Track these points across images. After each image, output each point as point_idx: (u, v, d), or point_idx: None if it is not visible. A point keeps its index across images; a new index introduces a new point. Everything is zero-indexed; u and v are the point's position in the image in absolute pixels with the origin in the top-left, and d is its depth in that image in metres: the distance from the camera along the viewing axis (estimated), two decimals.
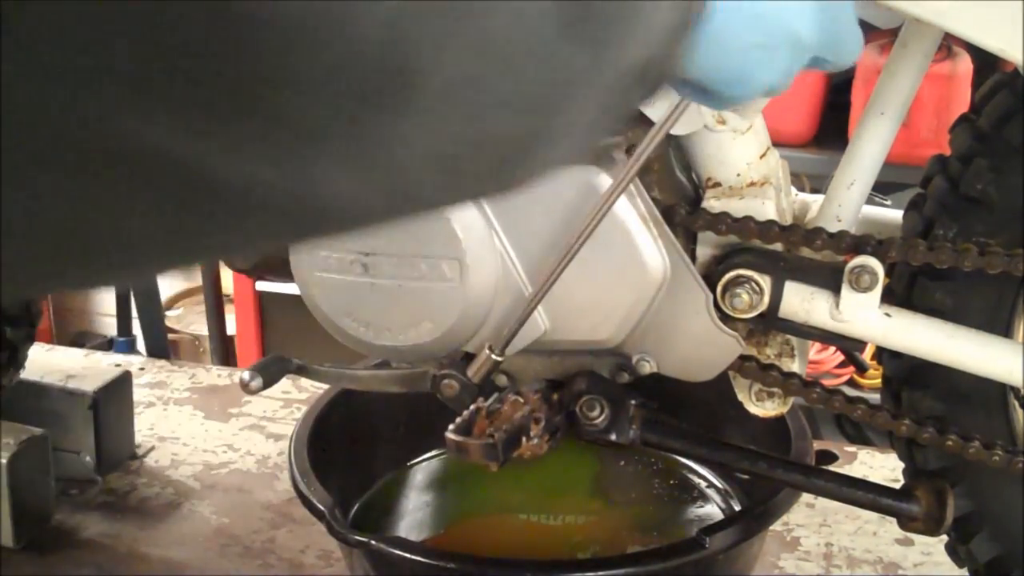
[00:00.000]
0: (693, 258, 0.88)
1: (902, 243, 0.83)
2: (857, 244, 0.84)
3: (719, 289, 0.86)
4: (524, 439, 0.87)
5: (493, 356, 0.85)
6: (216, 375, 1.68)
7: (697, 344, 0.88)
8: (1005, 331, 0.87)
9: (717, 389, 0.94)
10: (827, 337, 0.87)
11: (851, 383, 2.12)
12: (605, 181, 0.82)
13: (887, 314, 0.85)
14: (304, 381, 1.56)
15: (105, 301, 2.97)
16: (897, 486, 0.91)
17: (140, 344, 2.55)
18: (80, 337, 3.01)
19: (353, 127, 0.34)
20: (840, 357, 2.03)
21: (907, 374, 0.91)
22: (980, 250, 0.81)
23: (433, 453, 1.28)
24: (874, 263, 0.83)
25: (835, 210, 0.88)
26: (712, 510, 1.19)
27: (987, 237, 0.83)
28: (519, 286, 0.86)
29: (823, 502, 1.27)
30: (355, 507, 1.19)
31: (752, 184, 0.87)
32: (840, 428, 2.27)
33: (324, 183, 0.34)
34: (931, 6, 0.74)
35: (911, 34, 0.85)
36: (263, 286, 2.39)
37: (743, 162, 0.87)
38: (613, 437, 0.91)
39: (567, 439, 0.92)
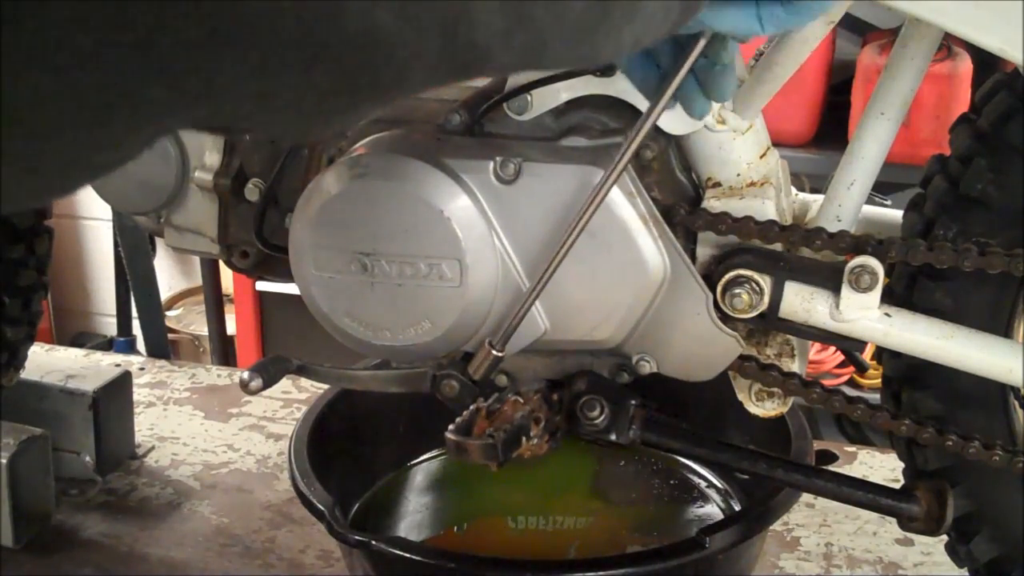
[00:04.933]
0: (693, 258, 0.88)
1: (902, 243, 0.83)
2: (857, 244, 0.84)
3: (719, 289, 0.86)
4: (524, 439, 0.88)
5: (493, 351, 0.85)
6: (216, 375, 1.68)
7: (697, 344, 0.88)
8: (1005, 331, 0.87)
9: (717, 389, 0.94)
10: (827, 337, 0.87)
11: (851, 383, 2.12)
12: None
13: (887, 314, 0.85)
14: (304, 381, 1.57)
15: (105, 301, 2.97)
16: (897, 486, 0.91)
17: (140, 344, 2.55)
18: (80, 337, 3.01)
19: None
20: (840, 357, 2.03)
21: (907, 374, 0.91)
22: (980, 250, 0.81)
23: (433, 453, 1.28)
24: (874, 263, 0.83)
25: (835, 210, 0.88)
26: (712, 510, 1.19)
27: (987, 237, 0.83)
28: (519, 286, 0.86)
29: (823, 502, 1.27)
30: (355, 507, 1.19)
31: (752, 184, 0.87)
32: (840, 428, 2.27)
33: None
34: (931, 6, 0.74)
35: (911, 34, 0.85)
36: (263, 286, 2.39)
37: (743, 162, 0.87)
38: (613, 437, 0.91)
39: (567, 439, 0.92)
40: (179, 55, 0.32)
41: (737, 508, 1.18)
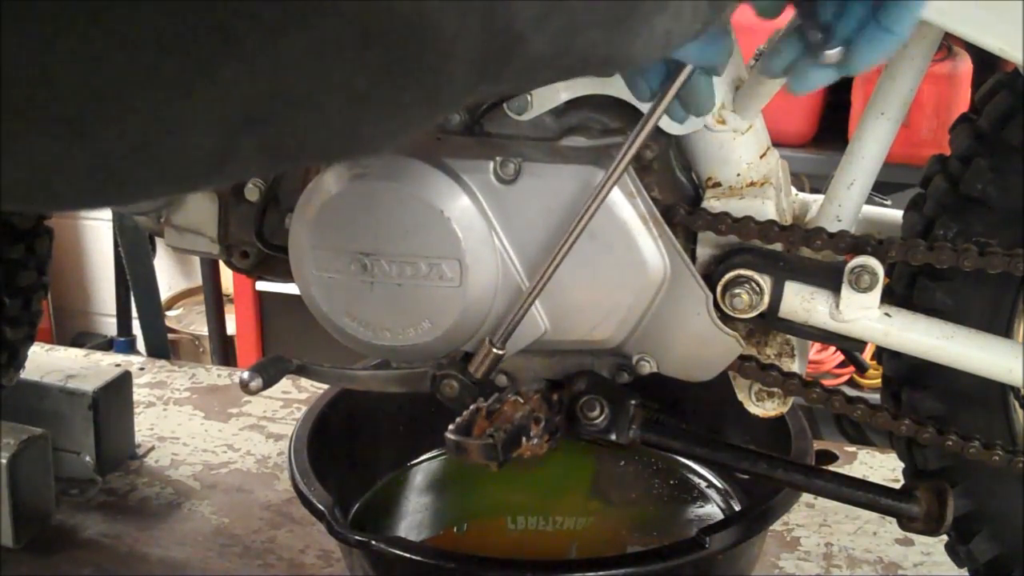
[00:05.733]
0: (693, 258, 0.88)
1: (902, 243, 0.83)
2: (857, 244, 0.84)
3: (719, 289, 0.86)
4: (524, 439, 0.87)
5: (494, 349, 0.85)
6: (216, 375, 1.68)
7: (697, 344, 0.88)
8: (1005, 331, 0.87)
9: (717, 389, 0.94)
10: (827, 337, 0.87)
11: (851, 383, 2.12)
12: None
13: (887, 314, 0.85)
14: (304, 381, 1.57)
15: (105, 301, 2.97)
16: (897, 486, 0.91)
17: (140, 344, 2.55)
18: (80, 337, 3.01)
19: None
20: (840, 357, 2.03)
21: (907, 374, 0.91)
22: (980, 250, 0.81)
23: (433, 453, 1.28)
24: (874, 263, 0.83)
25: (835, 210, 0.88)
26: (712, 510, 1.19)
27: (987, 237, 0.83)
28: (519, 286, 0.86)
29: (823, 502, 1.27)
30: (355, 507, 1.19)
31: (752, 184, 0.87)
32: (840, 428, 2.27)
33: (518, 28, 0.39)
34: (931, 6, 0.74)
35: (911, 34, 0.84)
36: (263, 286, 2.39)
37: (743, 162, 0.87)
38: (613, 437, 0.91)
39: (567, 439, 0.92)
40: (253, 37, 0.34)
41: (737, 508, 1.18)
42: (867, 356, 1.00)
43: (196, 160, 0.36)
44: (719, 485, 1.22)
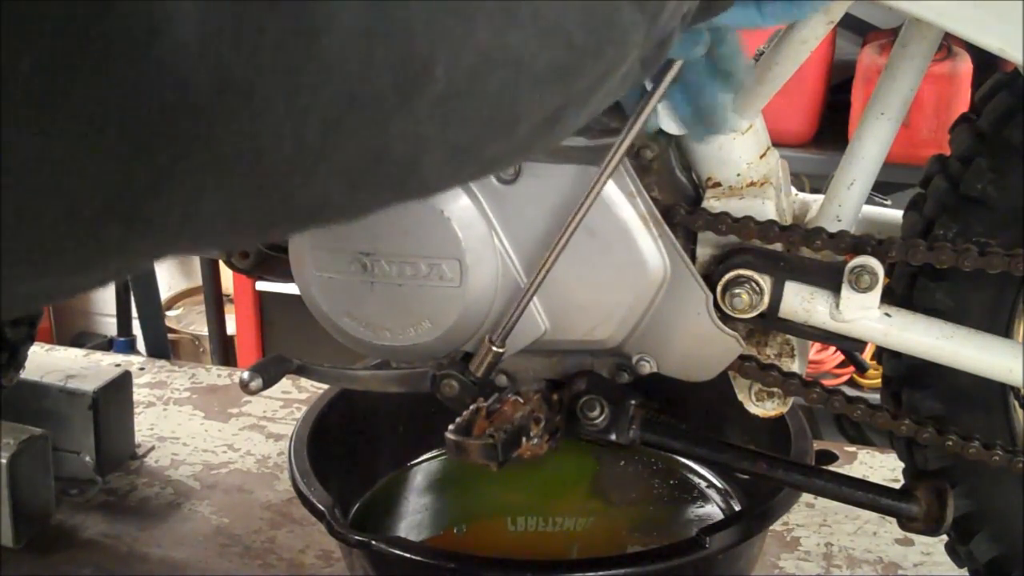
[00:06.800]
0: (693, 258, 0.88)
1: (902, 243, 0.83)
2: (857, 244, 0.84)
3: (719, 289, 0.86)
4: (524, 439, 0.87)
5: (493, 347, 0.85)
6: (216, 375, 1.68)
7: (697, 344, 0.88)
8: (1005, 331, 0.87)
9: (717, 389, 0.94)
10: (827, 337, 0.87)
11: (851, 383, 2.12)
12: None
13: (887, 314, 0.85)
14: (304, 381, 1.57)
15: (105, 301, 2.97)
16: (897, 486, 0.91)
17: (140, 344, 2.55)
18: (80, 337, 3.01)
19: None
20: (840, 357, 2.03)
21: (907, 374, 0.91)
22: (980, 250, 0.81)
23: (433, 453, 1.28)
24: (874, 263, 0.83)
25: (835, 210, 0.88)
26: (712, 510, 1.19)
27: (987, 237, 0.83)
28: (519, 286, 0.86)
29: (823, 502, 1.27)
30: (355, 507, 1.19)
31: (752, 184, 0.87)
32: (840, 428, 2.27)
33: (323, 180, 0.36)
34: (931, 6, 0.74)
35: (911, 34, 0.85)
36: (263, 286, 2.39)
37: (743, 162, 0.87)
38: (613, 437, 0.91)
39: (567, 439, 0.92)
40: (167, 217, 0.33)
41: (737, 508, 1.18)
42: (867, 356, 1.00)
43: (99, 280, 0.36)
44: (719, 485, 1.22)
